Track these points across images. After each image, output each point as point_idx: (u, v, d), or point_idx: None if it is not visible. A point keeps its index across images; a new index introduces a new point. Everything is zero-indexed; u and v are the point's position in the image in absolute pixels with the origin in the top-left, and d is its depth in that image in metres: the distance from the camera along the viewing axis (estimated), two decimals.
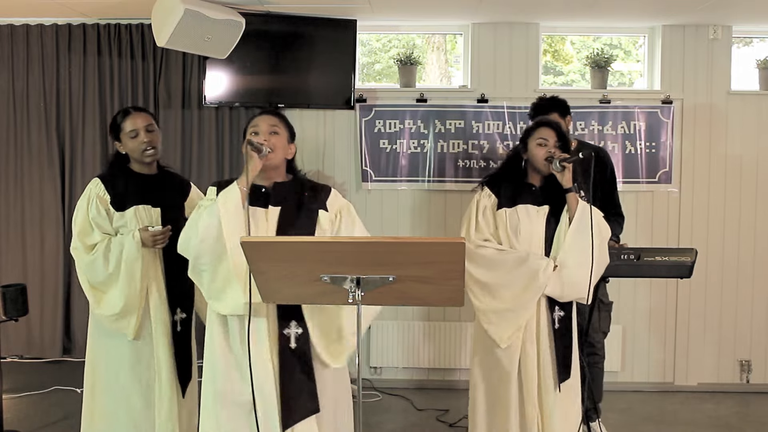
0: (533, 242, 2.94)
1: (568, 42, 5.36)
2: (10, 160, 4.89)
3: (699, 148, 4.72)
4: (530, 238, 2.94)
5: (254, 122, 2.48)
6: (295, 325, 2.36)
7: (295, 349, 2.36)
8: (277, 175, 2.47)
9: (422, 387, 4.74)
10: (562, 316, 2.95)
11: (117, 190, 2.92)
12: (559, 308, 2.95)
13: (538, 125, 3.04)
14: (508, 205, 2.97)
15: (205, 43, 4.08)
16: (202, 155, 4.79)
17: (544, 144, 2.95)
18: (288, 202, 2.42)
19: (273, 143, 2.40)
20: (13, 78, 4.84)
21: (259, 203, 2.40)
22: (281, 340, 2.35)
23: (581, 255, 2.85)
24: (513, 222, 2.95)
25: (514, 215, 2.96)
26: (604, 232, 2.96)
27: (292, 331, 2.36)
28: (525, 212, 2.96)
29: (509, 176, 3.06)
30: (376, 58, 5.39)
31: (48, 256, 4.89)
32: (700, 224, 4.73)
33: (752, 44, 5.14)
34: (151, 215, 2.93)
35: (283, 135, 2.46)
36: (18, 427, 3.89)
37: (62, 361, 4.92)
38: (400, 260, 1.93)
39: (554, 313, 2.94)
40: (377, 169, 4.76)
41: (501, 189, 3.02)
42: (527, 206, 2.97)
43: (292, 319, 2.36)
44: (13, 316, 3.66)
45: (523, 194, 2.99)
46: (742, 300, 4.76)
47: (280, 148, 2.43)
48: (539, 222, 2.95)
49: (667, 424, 4.20)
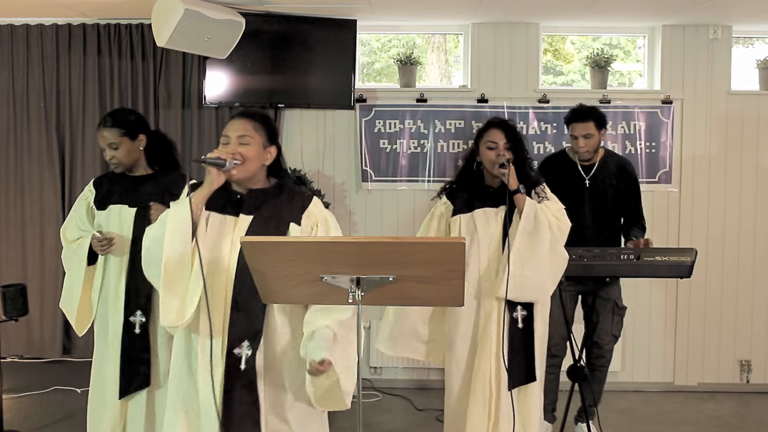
0: (491, 244, 2.94)
1: (569, 41, 5.36)
2: (11, 159, 4.89)
3: (699, 148, 4.72)
4: (488, 240, 2.94)
5: (225, 129, 2.31)
6: (246, 345, 2.18)
7: (244, 371, 2.18)
8: (255, 182, 2.30)
9: (422, 387, 4.75)
10: (525, 316, 2.92)
11: (102, 190, 3.03)
12: (522, 308, 2.92)
13: (487, 127, 3.02)
14: (464, 210, 2.99)
15: (205, 43, 4.08)
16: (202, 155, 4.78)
17: (493, 147, 2.94)
18: (262, 211, 2.27)
19: (243, 154, 2.22)
20: (13, 78, 4.84)
21: (230, 211, 2.27)
22: (229, 359, 2.18)
23: (533, 255, 2.84)
24: (470, 228, 2.96)
25: (470, 221, 2.97)
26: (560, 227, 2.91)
27: (243, 351, 2.18)
28: (483, 216, 2.97)
29: (465, 181, 3.07)
30: (376, 57, 5.39)
31: (48, 255, 4.90)
32: (700, 224, 4.73)
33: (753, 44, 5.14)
34: (123, 215, 2.97)
35: (255, 143, 2.25)
36: (18, 427, 3.89)
37: (62, 361, 4.92)
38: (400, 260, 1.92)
39: (515, 312, 2.91)
40: (377, 169, 4.76)
41: (457, 195, 3.04)
42: (485, 209, 2.97)
43: (245, 339, 2.19)
44: (13, 316, 3.67)
45: (480, 198, 3.00)
46: (742, 300, 4.76)
47: (252, 158, 2.24)
48: (497, 224, 2.95)
49: (667, 424, 4.20)
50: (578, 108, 3.75)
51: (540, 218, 2.84)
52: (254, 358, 2.19)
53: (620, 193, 3.78)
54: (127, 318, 2.92)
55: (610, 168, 3.78)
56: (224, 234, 2.25)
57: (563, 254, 2.93)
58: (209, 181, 2.20)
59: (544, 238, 2.84)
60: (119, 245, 2.94)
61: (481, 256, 2.94)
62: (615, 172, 3.78)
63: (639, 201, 3.87)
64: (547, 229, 2.84)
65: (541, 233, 2.84)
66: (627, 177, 3.81)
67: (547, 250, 2.85)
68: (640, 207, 3.87)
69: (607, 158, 3.81)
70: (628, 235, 3.81)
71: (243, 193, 2.30)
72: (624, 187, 3.79)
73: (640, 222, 3.85)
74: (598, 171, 3.76)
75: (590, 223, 3.70)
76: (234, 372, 2.18)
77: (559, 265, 2.94)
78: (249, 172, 2.26)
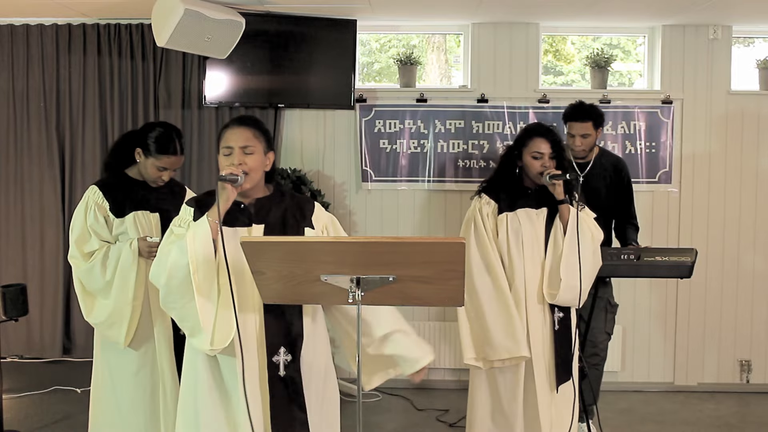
0: (535, 244, 2.98)
1: (569, 41, 5.35)
2: (11, 160, 4.88)
3: (699, 148, 4.72)
4: (532, 240, 2.98)
5: (226, 138, 2.26)
6: (284, 352, 2.23)
7: (285, 377, 2.23)
8: (257, 191, 2.30)
9: (422, 387, 4.74)
10: (561, 317, 2.99)
11: (116, 197, 2.93)
12: (558, 310, 3.00)
13: (532, 135, 3.04)
14: (508, 209, 3.01)
15: (205, 43, 4.08)
16: (202, 155, 4.79)
17: (539, 157, 2.98)
18: (271, 218, 2.27)
19: (249, 166, 2.21)
20: (13, 78, 4.83)
21: (240, 222, 2.26)
22: (270, 368, 2.22)
23: (575, 263, 2.89)
24: (514, 226, 2.99)
25: (515, 219, 3.00)
26: (597, 236, 3.00)
27: (281, 358, 2.23)
28: (525, 216, 3.00)
29: (505, 181, 3.08)
30: (375, 57, 5.39)
31: (48, 256, 4.89)
32: (700, 224, 4.73)
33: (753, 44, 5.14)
34: (150, 220, 2.95)
35: (258, 151, 2.24)
36: (18, 427, 3.89)
37: (62, 361, 4.91)
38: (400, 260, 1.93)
39: (554, 314, 2.99)
40: (377, 169, 4.76)
41: (499, 194, 3.05)
42: (527, 210, 3.01)
43: (281, 346, 2.23)
44: (13, 316, 3.66)
45: (521, 198, 3.03)
46: (742, 300, 4.76)
47: (257, 168, 2.24)
48: (540, 224, 3.00)
49: (667, 424, 4.20)
50: (578, 105, 3.72)
51: (584, 229, 2.92)
52: (293, 363, 2.24)
53: (613, 191, 3.79)
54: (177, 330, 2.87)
55: (604, 166, 3.79)
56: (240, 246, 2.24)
57: (600, 262, 3.04)
58: (224, 197, 2.15)
59: (587, 247, 2.92)
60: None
61: (525, 254, 2.98)
62: (609, 170, 3.80)
63: (632, 200, 3.88)
64: (590, 240, 2.94)
65: (585, 243, 2.91)
66: (620, 175, 3.82)
67: (590, 258, 2.94)
68: (632, 206, 3.88)
69: (602, 156, 3.82)
70: (624, 237, 3.81)
71: (246, 203, 2.28)
72: (617, 185, 3.80)
73: (632, 222, 3.86)
74: (592, 169, 3.76)
75: None
76: (275, 379, 2.22)
77: (595, 273, 3.03)
78: (255, 182, 2.25)
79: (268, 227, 2.26)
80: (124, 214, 2.91)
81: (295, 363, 2.24)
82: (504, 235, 2.98)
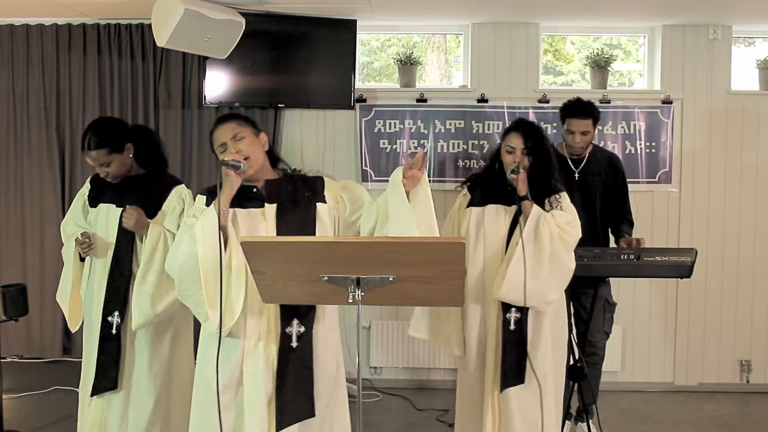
0: (495, 241, 2.97)
1: (569, 41, 5.35)
2: (10, 160, 4.89)
3: (699, 148, 4.72)
4: (494, 236, 2.98)
5: (216, 139, 2.41)
6: (297, 323, 2.31)
7: (296, 348, 2.31)
8: (265, 173, 2.41)
9: (422, 387, 4.74)
10: (518, 318, 2.91)
11: (97, 188, 3.05)
12: (516, 310, 2.91)
13: (509, 130, 3.06)
14: (477, 204, 3.05)
15: (205, 43, 4.08)
16: (202, 155, 4.79)
17: (512, 151, 2.99)
18: (283, 198, 2.37)
19: (245, 151, 2.33)
20: (13, 78, 4.84)
21: (253, 204, 2.36)
22: (282, 338, 2.31)
23: (532, 262, 2.84)
24: (478, 220, 3.01)
25: (480, 214, 3.02)
26: (564, 237, 2.88)
27: (294, 329, 2.31)
28: (494, 212, 3.02)
29: (486, 176, 3.13)
30: (375, 57, 5.39)
31: (48, 255, 4.90)
32: (700, 224, 4.73)
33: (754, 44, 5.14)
34: (110, 215, 2.97)
35: (248, 134, 2.38)
36: (18, 427, 3.89)
37: (62, 361, 4.92)
38: (400, 260, 1.93)
39: (509, 314, 2.91)
40: (377, 169, 4.76)
41: (476, 189, 3.10)
42: (497, 206, 3.02)
43: (294, 318, 2.31)
44: (13, 316, 3.67)
45: (496, 194, 3.04)
46: (742, 300, 4.76)
47: (254, 150, 2.36)
48: (504, 222, 2.99)
49: (667, 424, 4.20)
50: (576, 102, 3.70)
51: (541, 229, 2.85)
52: (305, 335, 2.32)
53: (608, 187, 3.79)
54: (105, 318, 2.92)
55: (598, 162, 3.79)
56: (257, 224, 2.34)
57: (566, 265, 2.91)
58: (228, 184, 2.28)
59: (543, 248, 2.85)
60: (101, 246, 2.95)
61: (486, 250, 2.98)
62: (604, 166, 3.80)
63: (627, 195, 3.88)
64: (547, 241, 2.85)
65: (542, 243, 2.85)
66: (615, 171, 3.82)
67: (546, 260, 2.85)
68: (627, 201, 3.88)
69: (596, 152, 3.82)
70: (618, 230, 3.80)
71: (258, 186, 2.39)
72: (612, 180, 3.80)
73: (627, 217, 3.85)
74: (587, 165, 3.76)
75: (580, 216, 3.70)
76: (286, 350, 2.30)
77: (559, 276, 2.91)
78: (258, 164, 2.36)
79: (280, 206, 2.36)
80: (96, 205, 3.02)
81: (307, 335, 2.32)
82: (465, 228, 3.02)
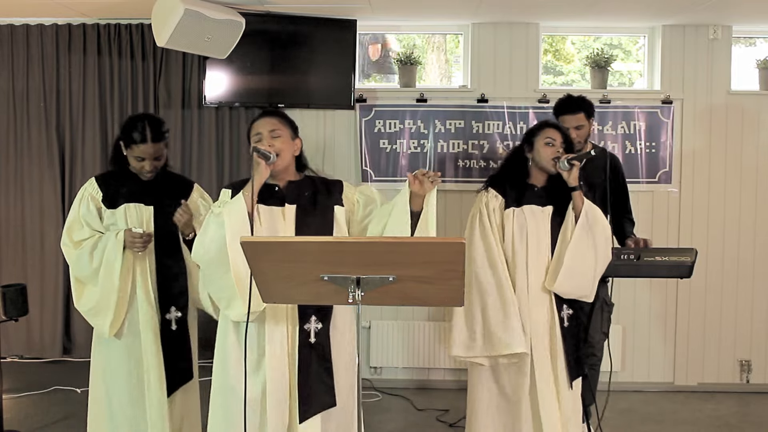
0: (540, 242, 2.96)
1: (569, 41, 5.35)
2: (10, 160, 4.89)
3: (699, 148, 4.72)
4: (537, 237, 2.96)
5: (255, 127, 2.50)
6: (315, 320, 2.41)
7: (315, 344, 2.40)
8: (289, 175, 2.51)
9: (422, 387, 4.74)
10: (570, 314, 2.97)
11: (110, 188, 2.98)
12: (567, 306, 2.97)
13: (543, 126, 3.07)
14: (515, 204, 3.00)
15: (205, 43, 4.08)
16: (202, 155, 4.79)
17: (552, 144, 2.98)
18: (302, 199, 2.47)
19: (278, 147, 2.42)
20: (13, 78, 4.84)
21: (274, 202, 2.45)
22: (301, 335, 2.40)
23: (587, 253, 2.88)
24: (520, 221, 2.98)
25: (521, 215, 2.99)
26: (607, 230, 2.97)
27: (312, 326, 2.40)
28: (530, 212, 2.99)
29: (512, 177, 3.08)
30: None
31: (48, 256, 4.90)
32: (700, 224, 4.73)
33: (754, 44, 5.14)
34: (142, 213, 2.95)
35: (286, 135, 2.48)
36: (18, 427, 3.89)
37: (62, 361, 4.92)
38: (400, 260, 1.92)
39: (562, 311, 2.97)
40: (377, 169, 4.76)
41: (506, 189, 3.04)
42: (532, 207, 3.00)
43: (312, 315, 2.40)
44: (13, 316, 3.66)
45: (526, 195, 3.02)
46: (742, 300, 4.76)
47: (286, 149, 2.46)
48: (545, 222, 2.98)
49: (667, 424, 4.20)
50: (567, 98, 3.69)
51: (598, 216, 2.89)
52: (323, 331, 2.42)
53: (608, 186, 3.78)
54: (164, 316, 2.94)
55: (597, 161, 3.78)
56: (275, 223, 2.42)
57: (608, 255, 2.99)
58: (259, 173, 2.36)
59: (599, 234, 2.89)
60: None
61: (530, 251, 2.95)
62: (602, 165, 3.78)
63: (627, 194, 3.87)
64: (604, 227, 2.91)
65: (597, 230, 2.88)
66: (615, 172, 3.80)
67: (603, 246, 2.91)
68: (627, 200, 3.87)
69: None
70: (622, 231, 3.80)
71: (280, 186, 2.48)
72: (612, 181, 3.79)
73: (628, 217, 3.85)
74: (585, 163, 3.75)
75: None
76: (307, 346, 2.40)
77: (605, 264, 2.99)
78: (285, 162, 2.47)
79: (300, 207, 2.46)
80: (116, 205, 2.95)
81: (325, 330, 2.42)
82: (510, 230, 2.97)
